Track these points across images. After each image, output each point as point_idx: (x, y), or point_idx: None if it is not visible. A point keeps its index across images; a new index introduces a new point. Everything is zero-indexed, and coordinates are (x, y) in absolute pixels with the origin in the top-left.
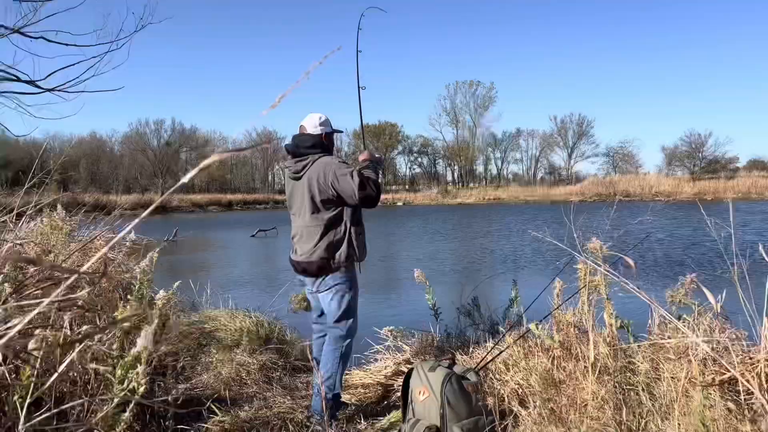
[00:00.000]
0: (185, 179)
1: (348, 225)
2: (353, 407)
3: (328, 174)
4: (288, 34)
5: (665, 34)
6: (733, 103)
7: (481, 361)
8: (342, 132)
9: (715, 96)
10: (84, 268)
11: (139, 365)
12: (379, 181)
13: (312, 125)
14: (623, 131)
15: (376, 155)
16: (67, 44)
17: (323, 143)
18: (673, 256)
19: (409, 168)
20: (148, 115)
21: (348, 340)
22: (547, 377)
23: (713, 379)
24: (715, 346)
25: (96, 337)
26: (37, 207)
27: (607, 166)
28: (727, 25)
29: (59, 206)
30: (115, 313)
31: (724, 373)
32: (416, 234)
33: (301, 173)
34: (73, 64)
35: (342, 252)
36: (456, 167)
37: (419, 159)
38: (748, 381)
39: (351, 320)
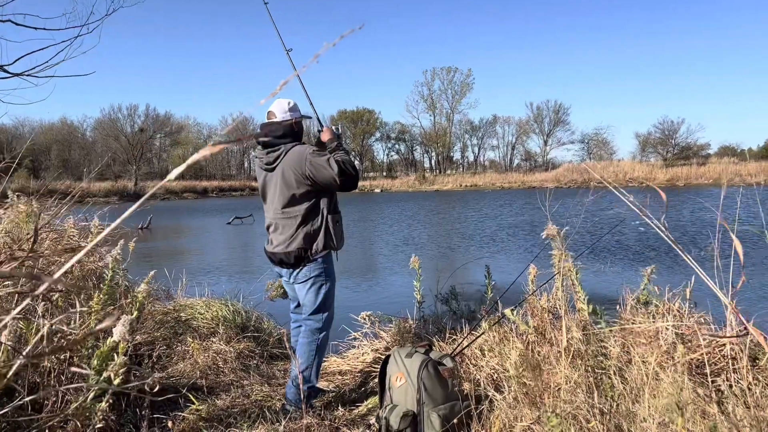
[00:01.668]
0: (172, 176)
1: (325, 214)
2: (331, 394)
3: (304, 164)
4: (262, 17)
5: (639, 21)
6: (704, 91)
7: (457, 346)
8: (311, 118)
9: (687, 83)
10: (58, 274)
11: (116, 355)
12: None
13: (281, 111)
14: (598, 118)
15: (335, 130)
16: (36, 28)
17: (294, 131)
18: (645, 240)
19: (387, 155)
20: (121, 100)
21: (324, 333)
22: (521, 362)
23: (681, 362)
24: (683, 330)
25: (69, 326)
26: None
27: (582, 153)
28: (699, 13)
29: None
30: (90, 303)
31: (692, 355)
32: (393, 220)
33: (274, 164)
34: (43, 48)
35: (320, 242)
36: (433, 154)
37: (397, 146)
38: (714, 363)
39: (327, 313)
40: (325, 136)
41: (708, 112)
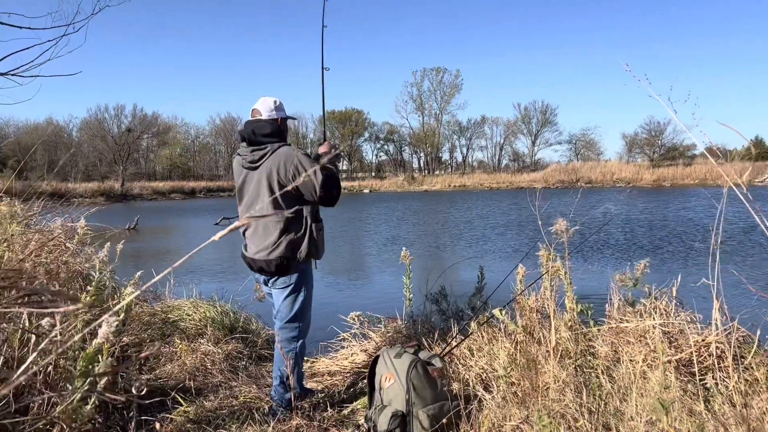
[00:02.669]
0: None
1: (309, 221)
2: (320, 395)
3: (289, 167)
4: (249, 17)
5: (625, 23)
6: (690, 92)
7: (446, 346)
8: (295, 119)
9: (673, 84)
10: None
11: (101, 357)
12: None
13: (267, 109)
14: (585, 118)
15: (335, 149)
16: (21, 27)
17: (280, 130)
18: (633, 239)
19: (376, 155)
20: (108, 100)
21: (300, 341)
22: (510, 362)
23: (669, 360)
24: (671, 329)
25: (55, 329)
26: None
27: (570, 153)
28: (686, 15)
29: None
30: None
31: (679, 355)
32: (382, 220)
33: (258, 163)
34: (28, 48)
35: (303, 250)
36: (422, 154)
37: (385, 146)
38: (701, 362)
39: (302, 322)
40: (323, 149)
41: (694, 112)
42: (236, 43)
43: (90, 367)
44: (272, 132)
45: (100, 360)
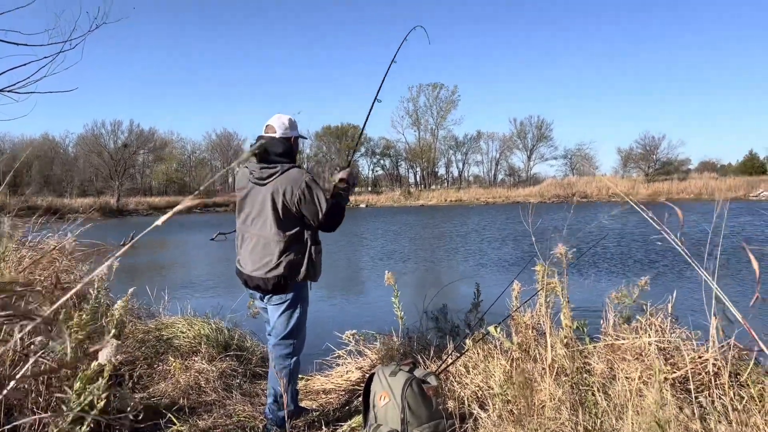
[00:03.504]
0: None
1: (309, 244)
2: (314, 413)
3: (296, 191)
4: (248, 33)
5: (620, 38)
6: (685, 107)
7: (441, 364)
8: (306, 138)
9: (668, 99)
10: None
11: (101, 379)
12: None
13: (281, 127)
14: (581, 133)
15: (353, 179)
16: (17, 44)
17: (292, 150)
18: (628, 254)
19: (372, 170)
20: (105, 116)
21: (295, 358)
22: (506, 380)
23: (665, 378)
24: (666, 345)
25: (49, 348)
26: None
27: (566, 168)
28: (679, 31)
29: None
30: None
31: (676, 372)
32: (379, 235)
33: (266, 181)
34: (24, 64)
35: (302, 272)
36: (418, 169)
37: (382, 161)
38: (698, 380)
39: (296, 340)
40: (341, 175)
41: (688, 127)
42: (232, 59)
43: (87, 387)
44: (284, 152)
45: (99, 381)
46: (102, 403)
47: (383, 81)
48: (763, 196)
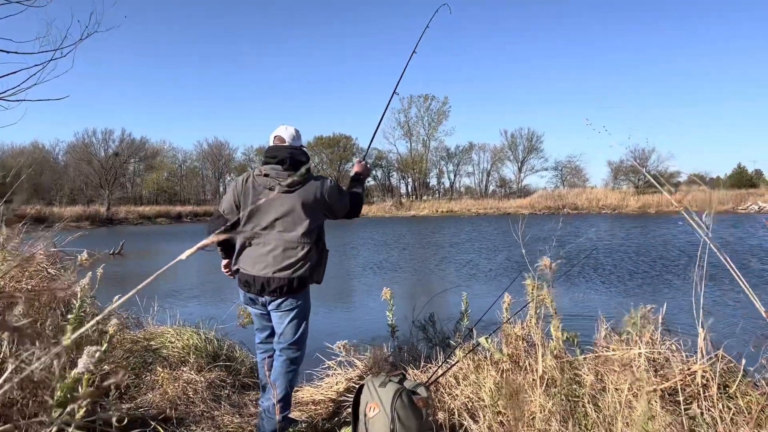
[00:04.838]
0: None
1: (324, 246)
2: (303, 424)
3: (325, 191)
4: (241, 41)
5: (610, 51)
6: (674, 120)
7: (432, 375)
8: (305, 148)
9: (657, 113)
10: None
11: (80, 387)
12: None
13: (290, 137)
14: (571, 145)
15: (368, 168)
16: (8, 51)
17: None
18: (620, 264)
19: None
20: (96, 125)
21: (300, 363)
22: (496, 391)
23: (654, 389)
24: (656, 357)
25: (34, 358)
26: None
27: (556, 180)
28: (668, 45)
29: None
30: (58, 333)
31: (665, 384)
32: (370, 245)
33: (296, 188)
34: (14, 72)
35: (319, 274)
36: (410, 180)
37: (373, 171)
38: (687, 391)
39: (304, 345)
40: (357, 168)
41: (677, 140)
42: (223, 69)
43: (68, 397)
44: (306, 161)
45: (79, 390)
46: (81, 412)
47: (404, 71)
48: (752, 209)
